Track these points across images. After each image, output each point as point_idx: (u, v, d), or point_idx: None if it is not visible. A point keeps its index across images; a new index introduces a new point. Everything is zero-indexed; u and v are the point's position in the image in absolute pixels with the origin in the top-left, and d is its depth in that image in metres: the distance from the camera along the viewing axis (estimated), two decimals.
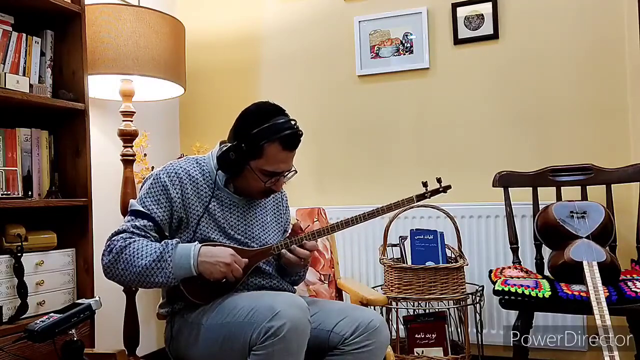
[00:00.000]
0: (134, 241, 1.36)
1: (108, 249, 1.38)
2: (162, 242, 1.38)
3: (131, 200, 1.47)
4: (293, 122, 1.44)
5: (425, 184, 1.56)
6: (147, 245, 1.36)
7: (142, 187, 1.48)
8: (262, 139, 1.40)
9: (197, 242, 1.40)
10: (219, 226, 1.47)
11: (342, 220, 1.51)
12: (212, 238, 1.45)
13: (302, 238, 1.49)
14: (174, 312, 1.48)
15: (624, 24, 2.34)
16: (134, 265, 1.34)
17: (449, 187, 1.56)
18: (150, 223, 1.40)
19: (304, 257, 1.48)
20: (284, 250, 1.48)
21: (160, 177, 1.45)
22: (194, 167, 1.50)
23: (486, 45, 2.54)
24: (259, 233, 1.54)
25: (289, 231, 1.71)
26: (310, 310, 1.31)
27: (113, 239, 1.39)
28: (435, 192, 1.55)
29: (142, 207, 1.42)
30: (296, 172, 1.49)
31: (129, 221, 1.41)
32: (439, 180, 1.55)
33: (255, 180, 1.45)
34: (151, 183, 1.45)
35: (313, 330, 1.32)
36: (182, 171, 1.47)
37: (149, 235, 1.40)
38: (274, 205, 1.64)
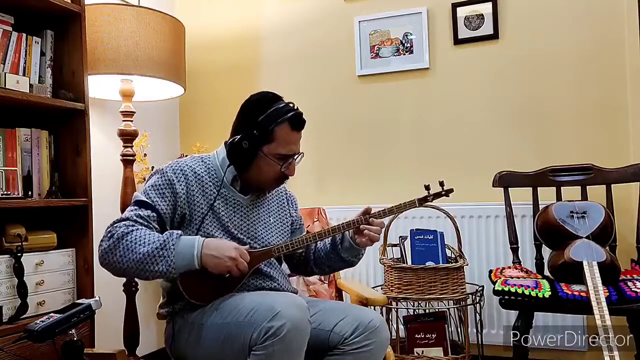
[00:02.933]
0: (137, 229, 1.36)
1: (108, 235, 1.35)
2: (167, 231, 1.37)
3: (135, 192, 1.47)
4: (292, 105, 1.49)
5: (427, 187, 1.55)
6: (150, 234, 1.35)
7: (147, 181, 1.48)
8: (270, 122, 1.43)
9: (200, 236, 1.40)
10: (223, 225, 1.47)
11: (343, 223, 1.50)
12: (214, 236, 1.44)
13: (304, 239, 1.49)
14: (175, 312, 1.48)
15: (624, 24, 2.34)
16: (135, 252, 1.32)
17: (451, 190, 1.56)
18: (154, 214, 1.40)
19: (377, 233, 1.52)
20: (363, 226, 1.50)
21: (166, 173, 1.45)
22: (200, 165, 1.51)
23: (486, 45, 2.54)
24: (261, 233, 1.54)
25: (303, 227, 1.73)
26: (310, 310, 1.31)
27: (115, 225, 1.37)
28: (437, 195, 1.55)
29: (147, 198, 1.42)
30: (303, 154, 1.52)
31: (132, 210, 1.41)
32: (441, 184, 1.55)
33: (270, 166, 1.47)
34: (157, 177, 1.45)
35: (313, 330, 1.32)
36: (188, 168, 1.47)
37: (151, 225, 1.39)
38: (277, 207, 1.64)
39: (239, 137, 1.45)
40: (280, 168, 1.48)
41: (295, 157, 1.50)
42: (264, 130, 1.43)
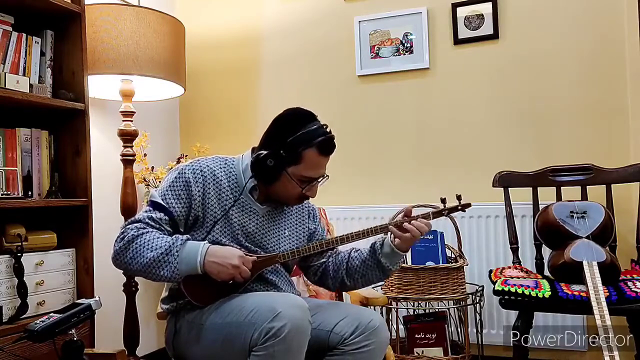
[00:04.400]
0: (147, 232, 1.36)
1: (121, 236, 1.38)
2: (173, 236, 1.37)
3: (152, 191, 1.47)
4: (325, 127, 1.45)
5: (443, 200, 1.53)
6: (158, 238, 1.35)
7: (165, 178, 1.48)
8: (300, 145, 1.41)
9: (206, 241, 1.40)
10: (233, 232, 1.46)
11: (352, 233, 1.48)
12: (222, 243, 1.44)
13: (312, 247, 1.48)
14: (176, 309, 1.48)
15: (624, 25, 2.34)
16: (142, 256, 1.33)
17: (468, 205, 1.52)
18: (167, 217, 1.40)
19: (421, 230, 1.46)
20: (396, 229, 1.45)
21: (184, 173, 1.44)
22: (222, 167, 1.49)
23: (486, 45, 2.54)
24: (271, 244, 1.52)
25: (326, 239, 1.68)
26: (310, 310, 1.31)
27: (127, 227, 1.38)
28: (453, 209, 1.52)
29: (162, 200, 1.41)
30: (328, 177, 1.50)
31: (146, 212, 1.41)
32: (458, 198, 1.52)
33: (292, 186, 1.45)
34: (175, 177, 1.44)
35: (312, 331, 1.31)
36: (208, 170, 1.46)
37: (163, 228, 1.40)
38: (295, 220, 1.60)
39: (265, 153, 1.42)
40: (302, 190, 1.46)
41: (319, 180, 1.48)
42: (292, 151, 1.41)
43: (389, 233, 1.50)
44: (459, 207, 1.52)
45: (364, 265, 1.55)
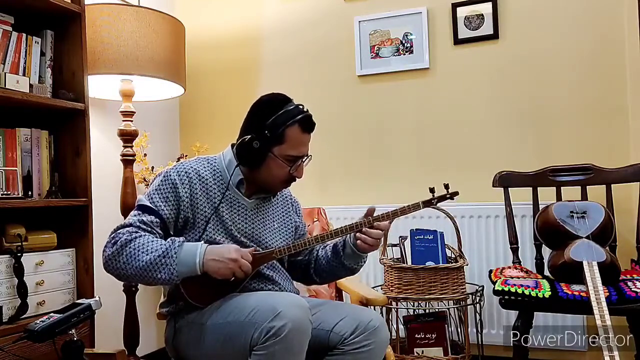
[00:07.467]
0: (140, 236, 1.36)
1: (112, 241, 1.36)
2: (169, 239, 1.37)
3: (139, 196, 1.47)
4: (302, 107, 1.49)
5: (432, 190, 1.54)
6: (153, 241, 1.35)
7: (151, 183, 1.48)
8: (282, 124, 1.44)
9: (203, 242, 1.40)
10: (226, 229, 1.46)
11: (346, 226, 1.49)
12: (218, 240, 1.44)
13: (307, 241, 1.49)
14: (175, 311, 1.48)
15: (624, 24, 2.34)
16: (138, 259, 1.32)
17: (456, 193, 1.54)
18: (157, 219, 1.40)
19: (378, 237, 1.48)
20: (361, 234, 1.47)
21: (170, 175, 1.45)
22: (205, 167, 1.50)
23: (486, 45, 2.54)
24: (265, 238, 1.53)
25: (307, 234, 1.71)
26: (310, 310, 1.31)
27: (118, 231, 1.37)
28: (442, 198, 1.54)
29: (150, 203, 1.41)
30: (311, 157, 1.53)
31: (135, 215, 1.41)
32: (446, 187, 1.53)
33: (280, 167, 1.46)
34: (161, 180, 1.45)
35: (313, 330, 1.31)
36: (192, 171, 1.47)
37: (154, 231, 1.40)
38: (282, 212, 1.62)
39: (249, 137, 1.44)
40: (289, 170, 1.48)
41: (303, 160, 1.50)
42: (275, 131, 1.43)
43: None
44: (447, 196, 1.54)
45: (330, 265, 1.60)
